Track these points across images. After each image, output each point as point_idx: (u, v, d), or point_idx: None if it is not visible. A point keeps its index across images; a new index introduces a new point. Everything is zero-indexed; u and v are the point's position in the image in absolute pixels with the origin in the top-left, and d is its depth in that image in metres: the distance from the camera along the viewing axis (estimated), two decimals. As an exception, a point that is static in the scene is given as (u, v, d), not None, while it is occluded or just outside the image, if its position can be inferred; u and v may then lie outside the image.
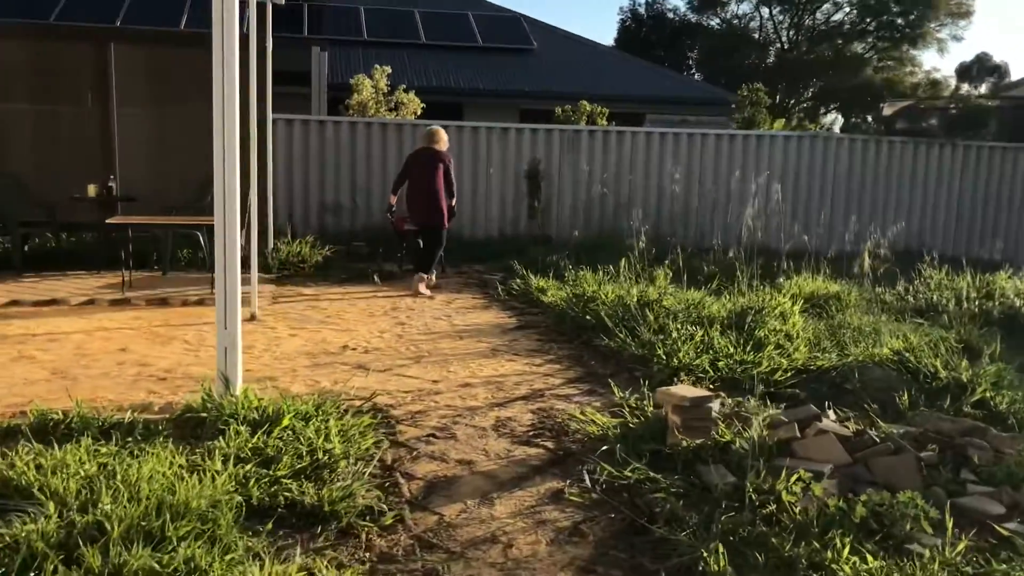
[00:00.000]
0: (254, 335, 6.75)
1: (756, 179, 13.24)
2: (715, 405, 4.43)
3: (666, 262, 8.67)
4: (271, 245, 10.44)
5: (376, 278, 9.74)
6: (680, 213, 14.13)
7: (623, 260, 10.23)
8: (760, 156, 14.25)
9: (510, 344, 6.79)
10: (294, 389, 5.25)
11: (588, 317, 7.21)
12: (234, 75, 4.57)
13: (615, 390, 5.27)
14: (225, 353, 4.64)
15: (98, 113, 10.13)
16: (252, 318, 7.34)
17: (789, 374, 5.56)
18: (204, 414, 4.35)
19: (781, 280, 8.69)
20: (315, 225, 13.18)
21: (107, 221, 8.05)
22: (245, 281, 5.38)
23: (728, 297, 7.67)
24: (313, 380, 5.54)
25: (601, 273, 9.35)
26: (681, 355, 5.75)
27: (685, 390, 4.48)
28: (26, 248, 9.71)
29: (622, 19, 38.56)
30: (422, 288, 9.18)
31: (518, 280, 9.40)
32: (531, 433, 4.64)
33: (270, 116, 10.40)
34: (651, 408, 4.74)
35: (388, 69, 14.45)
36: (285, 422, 4.24)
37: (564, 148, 13.97)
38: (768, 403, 4.83)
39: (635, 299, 7.27)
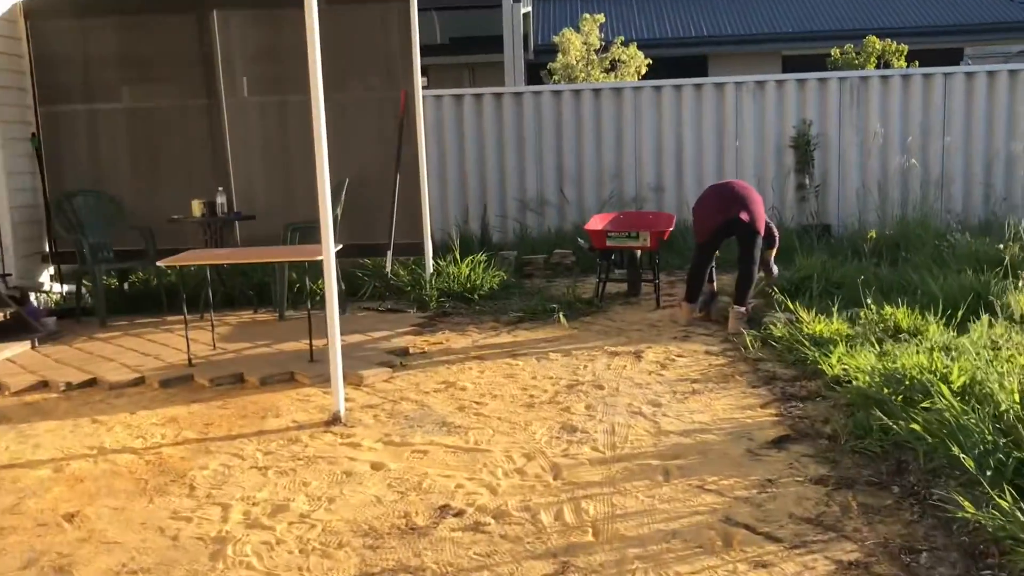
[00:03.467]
0: (313, 466, 3.95)
1: None
2: None
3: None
4: (429, 269, 7.66)
5: (562, 318, 6.64)
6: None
7: (946, 273, 6.51)
8: None
9: (760, 500, 3.46)
10: None
11: (921, 430, 3.72)
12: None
13: None
14: None
15: (204, 107, 7.79)
16: (333, 421, 4.54)
17: None
18: None
19: None
20: (506, 229, 10.32)
21: (159, 263, 5.58)
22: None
23: None
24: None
25: (918, 305, 5.75)
26: None
27: None
28: (125, 286, 7.58)
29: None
30: (736, 324, 6.28)
31: (779, 316, 5.99)
32: None
33: (419, 90, 7.58)
34: None
35: (600, 17, 11.25)
36: None
37: (845, 103, 10.11)
38: None
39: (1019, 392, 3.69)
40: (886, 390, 4.18)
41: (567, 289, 7.53)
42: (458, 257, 7.90)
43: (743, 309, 6.28)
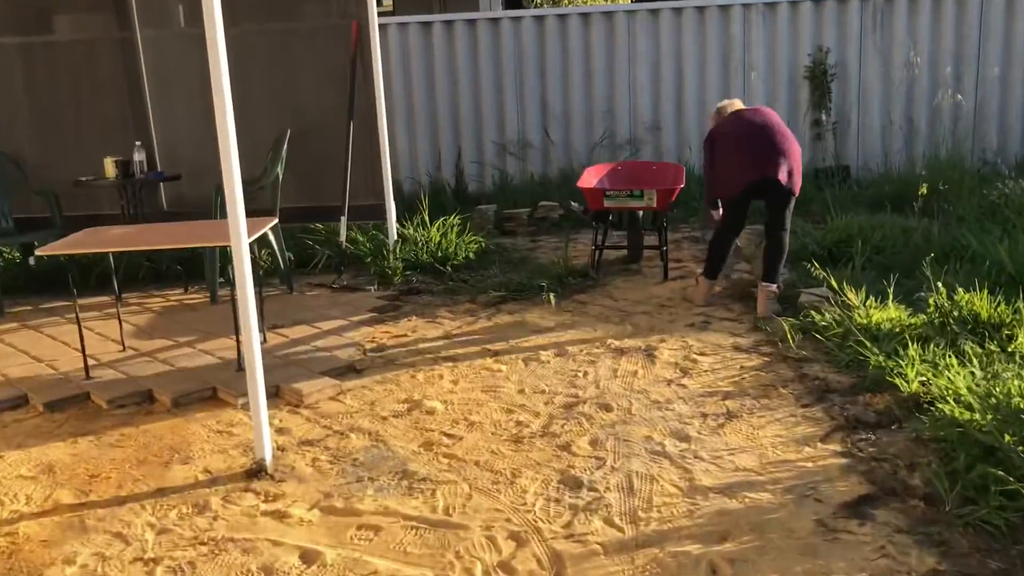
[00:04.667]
0: (220, 557, 2.83)
1: None
2: None
3: None
4: (393, 235, 6.46)
5: (551, 299, 5.49)
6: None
7: (1010, 233, 5.46)
8: None
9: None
10: None
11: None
12: None
13: None
14: None
15: (116, 42, 6.46)
16: (257, 471, 3.41)
17: None
18: None
19: None
20: (484, 177, 9.12)
21: (36, 253, 4.37)
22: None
23: None
24: None
25: (985, 279, 4.70)
26: None
27: None
28: (31, 262, 6.35)
29: None
30: (767, 306, 5.13)
31: (817, 295, 4.89)
32: None
33: (374, 20, 6.27)
34: None
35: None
36: None
37: (867, 28, 8.87)
38: None
39: None
40: (998, 430, 3.08)
41: (556, 258, 6.36)
42: (427, 219, 6.69)
43: (774, 287, 5.14)
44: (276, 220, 4.91)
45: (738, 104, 5.45)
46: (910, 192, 7.73)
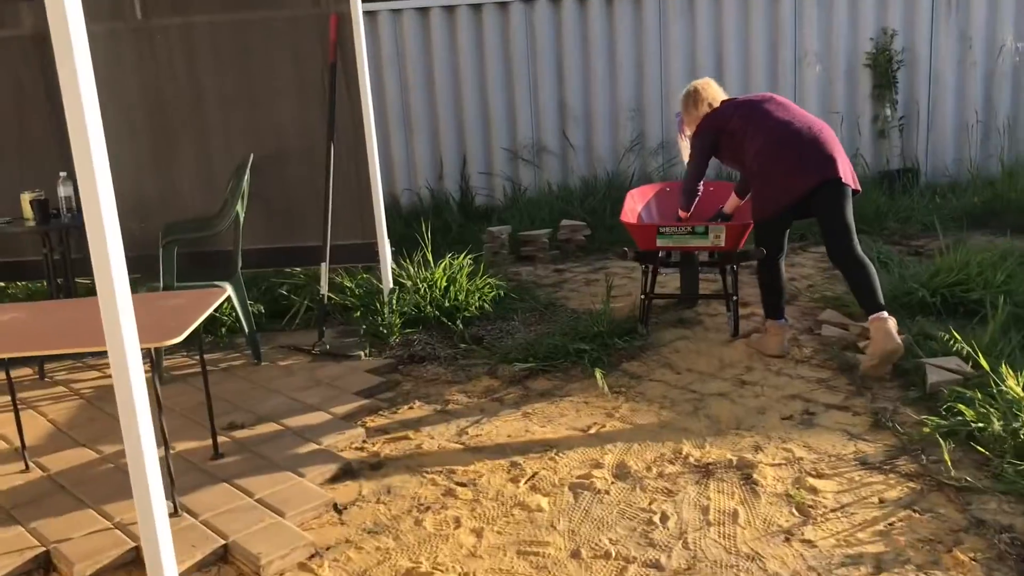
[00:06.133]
0: None
1: None
2: None
3: None
4: (388, 281, 5.16)
5: (599, 376, 4.21)
6: None
7: None
8: None
9: None
10: None
11: None
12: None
13: None
14: None
15: (28, 41, 5.16)
16: None
17: None
18: None
19: None
20: (493, 188, 7.86)
21: None
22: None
23: None
24: None
25: None
26: None
27: None
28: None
29: None
30: (892, 340, 3.96)
31: (958, 378, 3.62)
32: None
33: (357, 11, 4.94)
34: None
35: None
36: None
37: (940, 8, 7.58)
38: None
39: None
40: None
41: (593, 304, 5.08)
42: (430, 258, 5.40)
43: (889, 318, 3.96)
44: (227, 292, 3.62)
45: (715, 87, 4.62)
46: (1005, 204, 6.48)
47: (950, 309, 4.64)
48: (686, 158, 4.67)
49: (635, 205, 5.08)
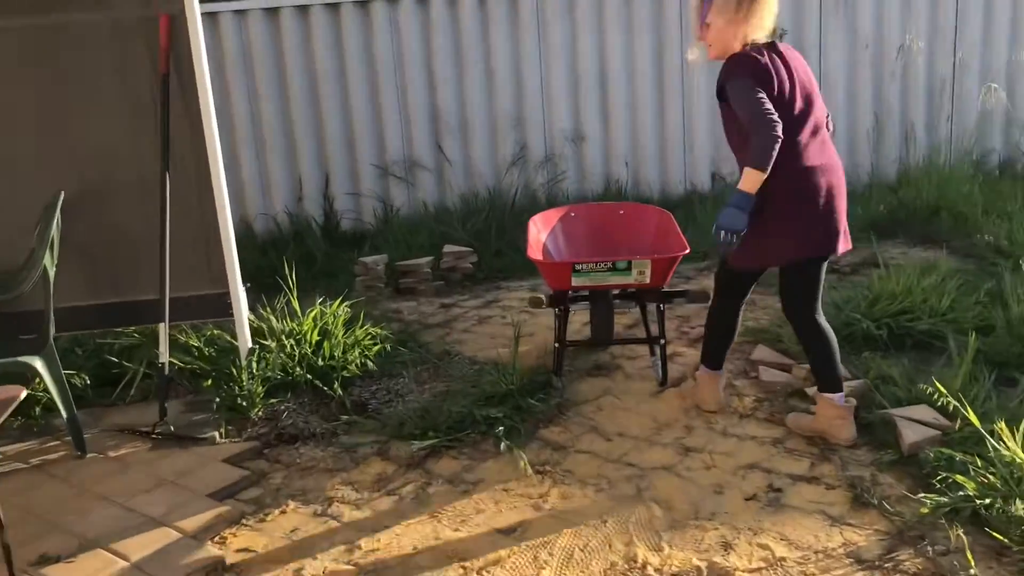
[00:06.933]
0: None
1: None
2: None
3: None
4: (246, 340, 4.23)
5: (515, 454, 3.44)
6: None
7: None
8: None
9: None
10: None
11: None
12: None
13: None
14: None
15: None
16: None
17: None
18: None
19: None
20: (362, 209, 7.02)
21: None
22: None
23: None
24: None
25: None
26: None
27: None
28: None
29: None
30: (849, 431, 3.38)
31: (938, 434, 3.05)
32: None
33: (194, 10, 4.01)
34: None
35: None
36: None
37: (828, 6, 7.24)
38: None
39: None
40: None
41: (498, 353, 4.34)
42: (297, 305, 4.51)
43: (846, 401, 3.38)
44: (24, 391, 2.66)
45: (760, 3, 3.19)
46: (910, 212, 6.15)
47: (897, 341, 4.14)
48: (692, 58, 3.79)
49: (539, 235, 4.36)
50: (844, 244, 3.28)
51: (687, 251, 3.86)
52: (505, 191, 7.07)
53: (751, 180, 3.03)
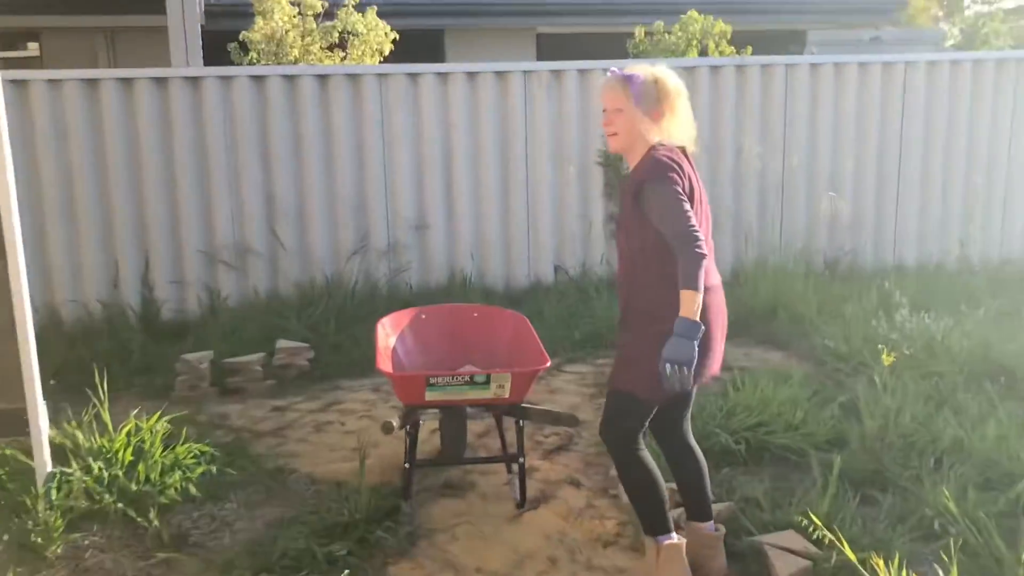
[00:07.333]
0: None
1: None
2: None
3: None
4: (45, 462, 3.63)
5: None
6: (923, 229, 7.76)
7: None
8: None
9: None
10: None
11: None
12: None
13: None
14: None
15: None
16: None
17: None
18: None
19: None
20: (185, 298, 6.49)
21: None
22: None
23: None
24: None
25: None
26: None
27: None
28: None
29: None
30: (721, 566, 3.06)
31: (809, 563, 2.92)
32: None
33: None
34: None
35: (323, -34, 7.58)
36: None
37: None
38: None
39: None
40: None
41: (339, 468, 3.93)
42: (107, 417, 3.95)
43: (717, 530, 3.20)
44: None
45: (684, 102, 2.97)
46: (748, 311, 6.25)
47: (755, 455, 4.05)
48: (611, 141, 3.00)
49: (388, 339, 4.03)
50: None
51: (548, 364, 3.64)
52: (345, 280, 6.71)
53: (690, 304, 2.74)
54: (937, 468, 3.70)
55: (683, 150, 2.98)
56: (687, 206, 2.82)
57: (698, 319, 2.75)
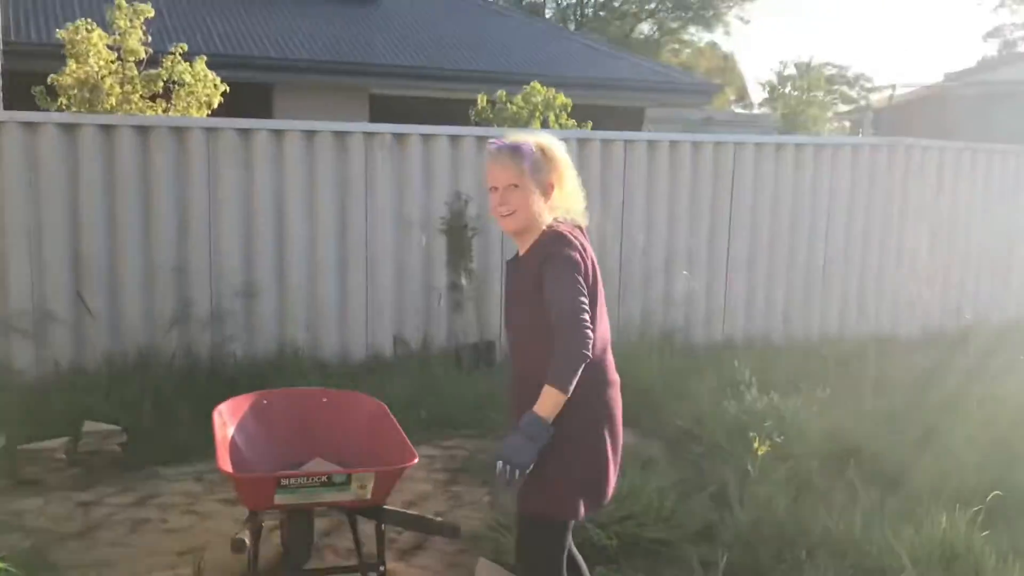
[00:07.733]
0: None
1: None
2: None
3: None
4: None
5: None
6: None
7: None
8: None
9: None
10: None
11: None
12: None
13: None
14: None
15: None
16: None
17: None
18: None
19: None
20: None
21: None
22: None
23: None
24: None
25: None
26: None
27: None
28: None
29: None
30: None
31: None
32: None
33: None
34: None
35: (147, 9, 6.98)
36: None
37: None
38: None
39: None
40: None
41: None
42: None
43: None
44: None
45: (572, 171, 2.76)
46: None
47: (626, 550, 3.83)
48: (507, 221, 2.69)
49: (226, 430, 3.54)
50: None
51: (416, 460, 3.28)
52: (163, 352, 6.06)
53: (550, 403, 2.45)
54: (810, 560, 3.62)
55: (581, 229, 2.77)
56: (583, 294, 2.57)
57: (551, 419, 2.48)
